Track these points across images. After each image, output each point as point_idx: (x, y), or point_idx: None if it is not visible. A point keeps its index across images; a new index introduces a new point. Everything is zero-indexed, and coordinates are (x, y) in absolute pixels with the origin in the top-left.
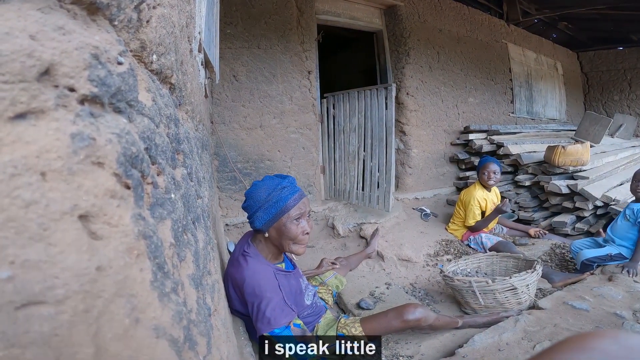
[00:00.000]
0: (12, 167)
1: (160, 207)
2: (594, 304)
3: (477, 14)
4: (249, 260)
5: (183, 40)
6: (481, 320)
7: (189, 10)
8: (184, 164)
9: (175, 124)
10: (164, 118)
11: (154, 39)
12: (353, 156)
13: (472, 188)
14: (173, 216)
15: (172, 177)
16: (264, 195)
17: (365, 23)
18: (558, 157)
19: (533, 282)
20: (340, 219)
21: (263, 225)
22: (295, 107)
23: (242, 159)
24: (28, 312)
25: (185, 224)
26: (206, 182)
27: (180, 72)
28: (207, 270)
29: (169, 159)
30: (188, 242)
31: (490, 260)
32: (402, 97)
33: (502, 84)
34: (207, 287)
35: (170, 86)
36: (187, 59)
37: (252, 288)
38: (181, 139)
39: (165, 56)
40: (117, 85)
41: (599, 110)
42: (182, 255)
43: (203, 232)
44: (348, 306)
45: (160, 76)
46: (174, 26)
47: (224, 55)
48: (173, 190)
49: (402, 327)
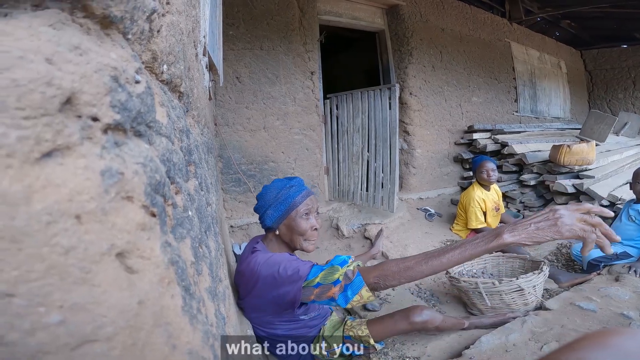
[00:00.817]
0: (47, 214)
1: (181, 226)
2: (601, 305)
3: (479, 13)
4: (260, 253)
5: (190, 45)
6: (488, 321)
7: (194, 15)
8: (196, 174)
9: (187, 135)
10: (177, 132)
11: (164, 48)
12: (357, 157)
13: (471, 189)
14: (192, 233)
15: (188, 193)
16: (274, 194)
17: (367, 23)
18: (563, 157)
19: (540, 283)
20: (344, 220)
21: (273, 223)
22: (299, 108)
23: (246, 160)
24: (83, 351)
25: (201, 237)
26: (213, 187)
27: (188, 79)
28: (218, 278)
29: (184, 175)
30: (204, 255)
31: (496, 261)
32: (405, 97)
33: (506, 82)
34: (220, 296)
35: (179, 95)
36: (194, 64)
37: (269, 265)
38: (192, 149)
39: (175, 65)
40: (137, 108)
41: (603, 109)
42: (200, 269)
43: (213, 240)
44: (354, 308)
45: (170, 86)
46: (182, 33)
47: (226, 57)
48: (189, 207)
49: (409, 329)
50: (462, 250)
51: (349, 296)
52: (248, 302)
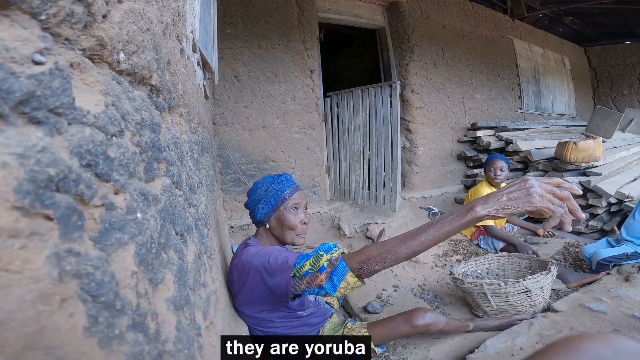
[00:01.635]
0: None
1: (119, 231)
2: (612, 306)
3: (480, 9)
4: (252, 247)
5: (169, 38)
6: (493, 323)
7: (175, 7)
8: (168, 173)
9: (153, 130)
10: (130, 125)
11: (118, 35)
12: (358, 155)
13: (480, 186)
14: (139, 239)
15: (142, 193)
16: (264, 189)
17: (367, 20)
18: (570, 153)
19: (548, 284)
20: (346, 220)
21: (264, 216)
22: (299, 107)
23: (245, 160)
24: None
25: (166, 242)
26: (204, 187)
27: (168, 73)
28: (200, 282)
29: (136, 172)
30: (168, 262)
31: (502, 261)
32: (407, 94)
33: (509, 79)
34: (198, 303)
35: (150, 88)
36: (176, 58)
37: (260, 255)
38: (163, 146)
39: (138, 55)
40: (29, 90)
41: (608, 105)
42: (158, 278)
43: (196, 242)
44: (355, 310)
45: (133, 77)
46: (150, 22)
47: (224, 55)
48: (141, 209)
49: (411, 332)
50: (438, 227)
51: (335, 283)
52: (242, 298)
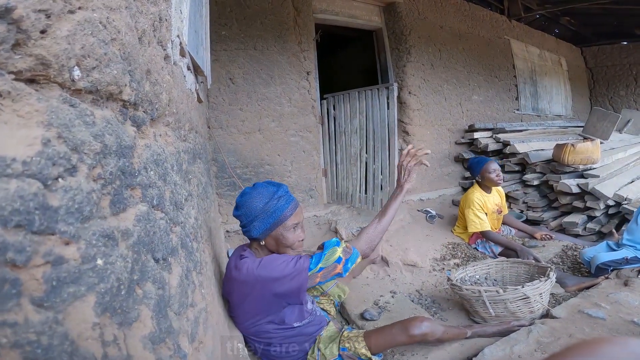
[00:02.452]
0: None
1: (73, 284)
2: (611, 312)
3: (478, 10)
4: (249, 259)
5: (148, 46)
6: (491, 329)
7: (155, 12)
8: (144, 198)
9: (123, 155)
10: (87, 157)
11: (67, 51)
12: (355, 158)
13: (470, 192)
14: (101, 287)
15: (105, 234)
16: (260, 205)
17: (364, 21)
18: (567, 156)
19: (547, 290)
20: (343, 223)
21: (260, 235)
22: (295, 109)
23: (241, 164)
24: None
25: (140, 277)
26: (194, 198)
27: (148, 83)
28: (187, 304)
29: (96, 212)
30: (144, 297)
31: (500, 267)
32: (404, 96)
33: (506, 80)
34: (184, 328)
35: (122, 104)
36: (159, 66)
37: (264, 266)
38: (137, 169)
39: (100, 70)
40: None
41: (605, 106)
42: (132, 317)
43: (183, 262)
44: (351, 316)
45: (97, 95)
46: (118, 32)
47: (219, 57)
48: (103, 253)
49: (408, 341)
50: (393, 202)
51: (349, 267)
52: (244, 309)
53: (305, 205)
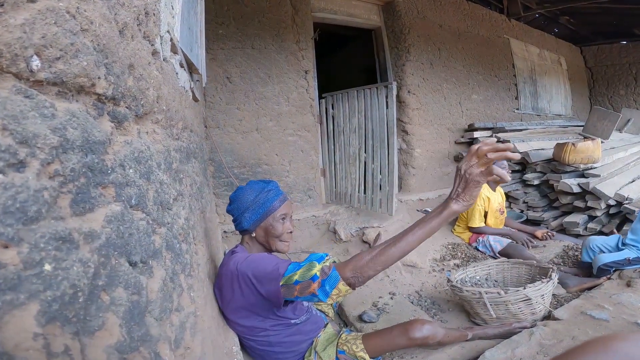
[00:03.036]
0: None
1: (11, 291)
2: (614, 313)
3: (477, 9)
4: (239, 254)
5: (132, 40)
6: (492, 331)
7: (140, 5)
8: (119, 197)
9: (91, 151)
10: (41, 152)
11: (22, 40)
12: (354, 158)
13: None
14: (48, 294)
15: (58, 237)
16: (251, 197)
17: (363, 20)
18: (568, 155)
19: (548, 292)
20: (341, 223)
21: (251, 225)
22: (293, 109)
23: (238, 163)
24: None
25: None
26: (185, 199)
27: (132, 78)
28: (170, 309)
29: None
30: (112, 303)
31: (501, 267)
32: (403, 95)
33: (506, 80)
34: (166, 334)
35: (97, 97)
36: (145, 61)
37: (248, 262)
38: (110, 166)
39: (66, 61)
40: None
41: (605, 105)
42: (94, 326)
43: (168, 265)
44: (350, 318)
45: (63, 87)
46: (90, 23)
47: (216, 56)
48: (53, 257)
49: (408, 345)
50: (422, 225)
51: (327, 290)
52: (233, 306)
53: (303, 205)
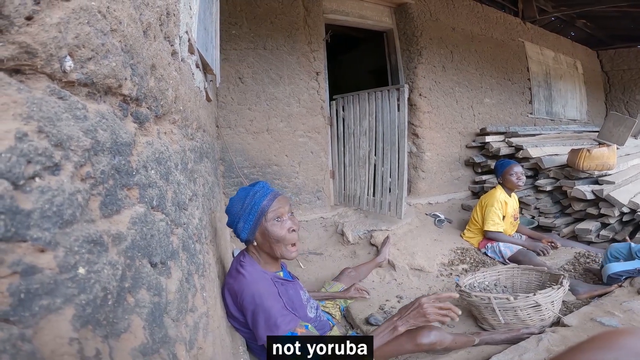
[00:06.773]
0: None
1: (48, 296)
2: (624, 320)
3: (491, 12)
4: (246, 269)
5: (154, 40)
6: (500, 337)
7: (162, 5)
8: (142, 199)
9: (119, 152)
10: (74, 154)
11: (57, 40)
12: (364, 160)
13: (494, 191)
14: (82, 298)
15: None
16: (239, 206)
17: (374, 22)
18: (583, 161)
19: (559, 299)
20: (350, 226)
21: (248, 234)
22: (303, 110)
23: (248, 164)
24: None
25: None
26: (199, 198)
27: (153, 78)
28: (186, 310)
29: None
30: (136, 305)
31: (510, 273)
32: (414, 98)
33: (520, 83)
34: (182, 335)
35: (123, 98)
36: (166, 61)
37: (252, 296)
38: (135, 168)
39: (97, 61)
40: None
41: (621, 110)
42: (121, 328)
43: (183, 266)
44: (356, 321)
45: (93, 88)
46: (119, 23)
47: (229, 57)
48: (87, 260)
49: (415, 350)
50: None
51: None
52: (238, 317)
53: (312, 206)
